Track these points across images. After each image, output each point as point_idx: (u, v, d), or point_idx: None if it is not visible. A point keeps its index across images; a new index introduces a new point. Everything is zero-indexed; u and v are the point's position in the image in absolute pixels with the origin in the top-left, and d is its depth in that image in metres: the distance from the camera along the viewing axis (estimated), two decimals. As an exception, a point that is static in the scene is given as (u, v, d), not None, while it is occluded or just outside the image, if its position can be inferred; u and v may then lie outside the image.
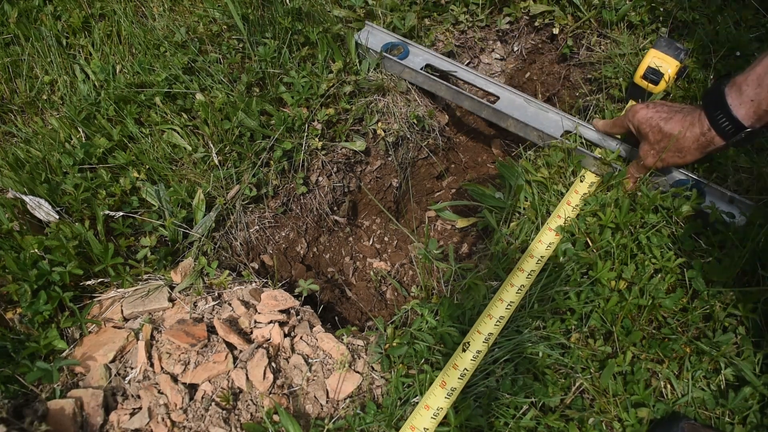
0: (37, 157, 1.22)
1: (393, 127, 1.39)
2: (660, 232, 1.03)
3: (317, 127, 1.27)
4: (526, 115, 1.24)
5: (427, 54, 1.37)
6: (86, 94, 1.40)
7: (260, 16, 1.40)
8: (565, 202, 1.09)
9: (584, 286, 0.97)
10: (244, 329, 1.03)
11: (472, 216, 1.30)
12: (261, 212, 1.27)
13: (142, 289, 1.07)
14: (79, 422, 0.88)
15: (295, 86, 1.29)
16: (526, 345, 0.93)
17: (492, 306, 0.96)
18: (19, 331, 0.96)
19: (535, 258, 1.01)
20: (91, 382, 0.94)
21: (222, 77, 1.33)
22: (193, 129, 1.27)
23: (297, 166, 1.28)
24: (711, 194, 1.08)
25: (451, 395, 0.87)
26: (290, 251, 1.33)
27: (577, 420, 0.86)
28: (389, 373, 0.97)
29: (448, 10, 1.54)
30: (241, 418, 0.92)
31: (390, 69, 1.39)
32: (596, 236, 1.02)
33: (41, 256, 1.00)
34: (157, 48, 1.46)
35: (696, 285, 0.97)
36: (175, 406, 0.91)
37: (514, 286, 0.98)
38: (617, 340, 0.93)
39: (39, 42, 1.62)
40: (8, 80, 1.58)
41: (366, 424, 0.87)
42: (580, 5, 1.47)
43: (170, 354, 0.97)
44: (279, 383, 0.96)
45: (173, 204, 1.15)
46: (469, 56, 1.57)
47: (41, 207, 1.10)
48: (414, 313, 1.02)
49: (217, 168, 1.20)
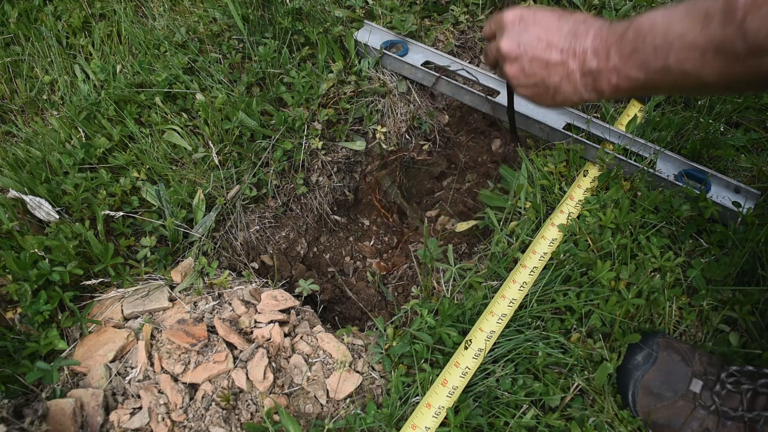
0: (37, 157, 1.22)
1: (393, 127, 1.39)
2: (660, 232, 1.03)
3: (317, 127, 1.27)
4: (527, 109, 1.23)
5: (427, 51, 1.38)
6: (86, 94, 1.40)
7: (260, 16, 1.40)
8: (568, 197, 1.09)
9: (584, 286, 0.97)
10: (245, 329, 1.03)
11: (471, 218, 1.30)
12: (261, 212, 1.27)
13: (143, 289, 1.07)
14: (79, 422, 0.88)
15: (295, 86, 1.29)
16: (526, 344, 0.93)
17: (494, 303, 0.96)
18: (19, 331, 0.96)
19: (538, 254, 1.01)
20: (91, 382, 0.94)
21: (222, 77, 1.33)
22: (193, 129, 1.27)
23: (297, 166, 1.28)
24: (717, 184, 1.08)
25: (453, 394, 0.87)
26: (290, 251, 1.33)
27: (577, 419, 0.86)
28: (390, 372, 0.97)
29: (448, 10, 1.54)
30: (241, 417, 0.92)
31: (390, 66, 1.39)
32: (596, 236, 1.02)
33: (41, 256, 1.00)
34: (158, 48, 1.46)
35: (696, 284, 0.97)
36: (176, 406, 0.91)
37: (516, 282, 0.98)
38: (614, 341, 0.93)
39: (39, 42, 1.62)
40: (8, 80, 1.58)
41: (366, 424, 0.87)
42: (580, 5, 1.47)
43: (170, 354, 0.97)
44: (279, 383, 0.96)
45: (173, 204, 1.15)
46: (469, 56, 1.57)
47: (41, 207, 1.10)
48: (414, 313, 1.02)
49: (218, 168, 1.20)
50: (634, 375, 0.87)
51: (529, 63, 0.86)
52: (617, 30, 0.77)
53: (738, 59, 0.64)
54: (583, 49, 0.81)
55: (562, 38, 0.83)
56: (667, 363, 0.87)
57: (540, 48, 0.84)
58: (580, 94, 0.84)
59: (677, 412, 0.84)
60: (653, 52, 0.73)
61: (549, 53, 0.84)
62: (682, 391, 0.85)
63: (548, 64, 0.84)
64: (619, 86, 0.78)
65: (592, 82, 0.80)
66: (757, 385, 0.82)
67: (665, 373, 0.86)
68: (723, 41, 0.65)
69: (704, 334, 0.96)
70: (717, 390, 0.84)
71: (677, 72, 0.71)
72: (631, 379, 0.87)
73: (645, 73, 0.75)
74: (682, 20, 0.69)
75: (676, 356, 0.87)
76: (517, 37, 0.86)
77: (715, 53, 0.66)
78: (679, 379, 0.86)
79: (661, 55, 0.72)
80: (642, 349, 0.89)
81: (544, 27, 0.84)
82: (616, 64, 0.77)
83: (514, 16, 0.88)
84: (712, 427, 0.82)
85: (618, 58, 0.77)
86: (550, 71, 0.85)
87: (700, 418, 0.83)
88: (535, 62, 0.85)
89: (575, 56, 0.82)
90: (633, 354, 0.89)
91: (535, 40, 0.85)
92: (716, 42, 0.65)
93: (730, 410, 0.82)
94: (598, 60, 0.79)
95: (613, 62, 0.77)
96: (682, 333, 0.96)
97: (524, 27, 0.86)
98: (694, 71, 0.69)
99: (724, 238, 1.00)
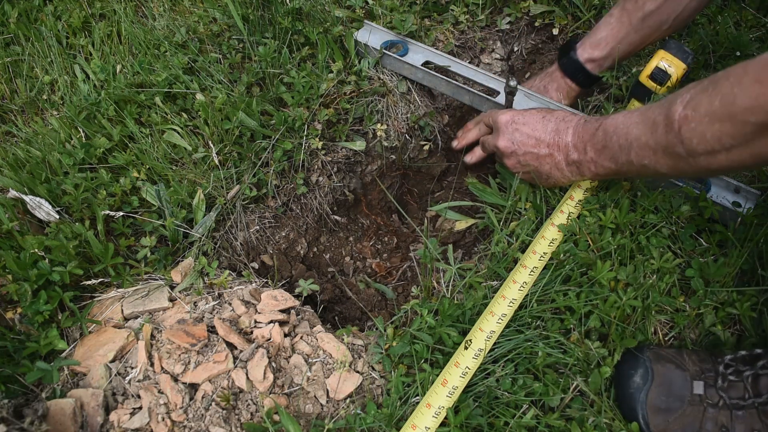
0: (37, 157, 1.22)
1: (393, 127, 1.39)
2: (660, 232, 1.03)
3: (317, 127, 1.27)
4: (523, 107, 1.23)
5: (427, 51, 1.38)
6: (86, 94, 1.40)
7: (260, 16, 1.40)
8: (568, 197, 1.09)
9: (584, 286, 0.97)
10: (245, 329, 1.03)
11: (471, 217, 1.30)
12: (261, 212, 1.27)
13: (143, 289, 1.07)
14: (79, 422, 0.88)
15: (295, 86, 1.29)
16: (526, 344, 0.93)
17: (494, 303, 0.96)
18: (19, 331, 0.96)
19: (538, 254, 1.01)
20: (91, 382, 0.94)
21: (222, 77, 1.33)
22: (193, 129, 1.27)
23: (297, 166, 1.28)
24: (716, 184, 1.08)
25: (453, 394, 0.87)
26: (290, 251, 1.33)
27: (577, 420, 0.86)
28: (390, 372, 0.97)
29: (448, 10, 1.54)
30: (241, 417, 0.92)
31: (390, 66, 1.39)
32: (596, 236, 1.02)
33: (41, 256, 1.00)
34: (158, 48, 1.46)
35: (695, 284, 0.97)
36: (176, 406, 0.91)
37: (516, 282, 0.98)
38: (611, 342, 0.93)
39: (39, 42, 1.62)
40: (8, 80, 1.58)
41: (366, 424, 0.87)
42: (580, 5, 1.47)
43: (170, 354, 0.97)
44: (279, 383, 0.96)
45: (173, 204, 1.15)
46: (469, 56, 1.57)
47: (41, 207, 1.10)
48: (414, 313, 1.02)
49: (218, 168, 1.20)
50: (638, 398, 0.86)
51: (523, 156, 1.05)
52: (590, 129, 0.96)
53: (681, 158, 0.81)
54: (565, 143, 1.00)
55: (547, 134, 1.02)
56: (665, 375, 0.87)
57: (530, 144, 1.03)
58: (568, 177, 1.04)
59: (690, 419, 0.84)
60: (619, 149, 0.90)
61: (538, 148, 1.03)
62: (687, 397, 0.85)
63: (539, 156, 1.04)
64: (598, 173, 0.98)
65: (577, 169, 1.01)
66: (757, 367, 0.83)
67: (666, 386, 0.86)
68: (667, 145, 0.81)
69: (697, 335, 0.96)
70: (720, 385, 0.84)
71: (638, 165, 0.88)
72: (637, 403, 0.86)
73: (615, 164, 0.93)
74: (637, 125, 0.87)
75: (670, 365, 0.87)
76: (511, 136, 1.06)
77: (663, 153, 0.83)
78: (680, 387, 0.86)
79: (625, 152, 0.89)
80: (636, 369, 0.88)
81: (531, 126, 1.04)
82: (592, 157, 0.96)
83: (506, 118, 1.07)
84: (727, 422, 0.82)
85: (593, 152, 0.96)
86: (541, 162, 1.04)
87: (713, 418, 0.83)
88: (528, 155, 1.05)
89: (560, 149, 1.01)
90: (629, 377, 0.88)
91: (526, 138, 1.04)
92: (662, 145, 0.82)
93: (739, 400, 0.83)
94: (578, 153, 0.98)
95: (590, 155, 0.96)
96: (675, 336, 0.96)
97: (515, 128, 1.05)
98: (651, 165, 0.86)
99: (724, 238, 1.00)
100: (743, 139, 0.73)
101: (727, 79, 0.74)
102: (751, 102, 0.70)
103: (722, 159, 0.77)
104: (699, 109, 0.76)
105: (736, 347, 0.92)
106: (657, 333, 0.96)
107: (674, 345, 0.95)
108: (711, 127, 0.75)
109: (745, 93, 0.71)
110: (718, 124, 0.74)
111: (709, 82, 0.77)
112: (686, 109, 0.77)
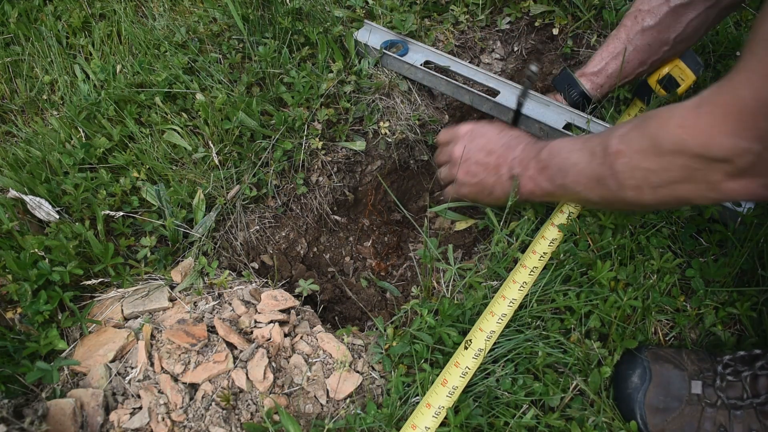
0: (37, 157, 1.22)
1: (393, 126, 1.39)
2: (660, 232, 1.03)
3: (317, 127, 1.27)
4: (527, 108, 1.23)
5: (427, 51, 1.38)
6: (86, 94, 1.40)
7: (260, 16, 1.40)
8: None
9: (584, 286, 0.97)
10: (245, 329, 1.03)
11: (471, 217, 1.30)
12: (261, 212, 1.27)
13: (143, 289, 1.07)
14: (79, 422, 0.88)
15: (295, 86, 1.29)
16: (526, 344, 0.93)
17: (494, 303, 0.96)
18: (19, 331, 0.96)
19: (538, 254, 1.01)
20: (91, 382, 0.94)
21: (222, 77, 1.33)
22: (193, 129, 1.27)
23: (297, 166, 1.28)
24: None
25: (453, 394, 0.87)
26: (290, 251, 1.33)
27: (577, 419, 0.86)
28: (390, 372, 0.97)
29: (448, 10, 1.54)
30: (241, 417, 0.92)
31: (390, 66, 1.39)
32: (596, 236, 1.02)
33: (41, 256, 1.00)
34: (158, 48, 1.46)
35: (695, 284, 0.97)
36: (176, 406, 0.91)
37: (516, 282, 0.98)
38: (611, 342, 0.93)
39: (39, 42, 1.62)
40: (8, 80, 1.58)
41: (366, 424, 0.87)
42: (580, 5, 1.47)
43: (170, 354, 0.97)
44: (279, 383, 0.96)
45: (173, 204, 1.15)
46: (469, 56, 1.57)
47: (41, 207, 1.10)
48: (414, 313, 1.02)
49: (218, 168, 1.20)
50: (636, 398, 0.87)
51: (474, 165, 1.07)
52: (537, 148, 0.98)
53: (611, 190, 0.83)
54: (512, 158, 1.02)
55: (499, 147, 1.04)
56: (662, 375, 0.87)
57: (482, 154, 1.06)
58: (507, 193, 1.04)
59: (688, 419, 0.84)
60: (558, 171, 0.92)
61: (488, 158, 1.05)
62: (685, 397, 0.85)
63: (487, 167, 1.05)
64: (534, 192, 0.99)
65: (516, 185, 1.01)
66: (756, 368, 0.83)
67: (664, 386, 0.86)
68: (601, 175, 0.84)
69: (698, 335, 0.96)
70: (718, 384, 0.84)
71: (572, 190, 0.91)
72: (635, 403, 0.87)
73: (551, 185, 0.95)
74: (578, 152, 0.89)
75: (668, 365, 0.87)
76: (467, 144, 1.08)
77: (597, 182, 0.85)
78: (678, 386, 0.86)
79: (562, 175, 0.91)
80: (634, 369, 0.89)
81: (487, 138, 1.06)
82: (532, 175, 0.97)
83: (466, 129, 1.11)
84: (725, 422, 0.83)
85: (534, 170, 0.97)
86: (488, 173, 1.05)
87: (711, 417, 0.83)
88: (478, 165, 1.06)
89: (506, 162, 1.02)
90: (627, 377, 0.89)
91: (480, 147, 1.06)
92: (597, 175, 0.85)
93: (737, 400, 0.83)
94: (521, 168, 1.00)
95: (531, 172, 0.98)
96: (676, 336, 0.96)
97: (472, 138, 1.08)
98: (583, 192, 0.89)
99: (724, 238, 1.00)
100: (668, 181, 0.75)
101: (655, 120, 0.76)
102: (674, 146, 0.72)
103: (648, 197, 0.79)
104: (631, 146, 0.78)
105: (737, 347, 0.92)
106: (657, 333, 0.96)
107: (674, 345, 0.95)
108: (640, 164, 0.77)
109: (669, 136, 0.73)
110: (646, 162, 0.76)
111: (642, 119, 0.79)
112: (621, 143, 0.80)
